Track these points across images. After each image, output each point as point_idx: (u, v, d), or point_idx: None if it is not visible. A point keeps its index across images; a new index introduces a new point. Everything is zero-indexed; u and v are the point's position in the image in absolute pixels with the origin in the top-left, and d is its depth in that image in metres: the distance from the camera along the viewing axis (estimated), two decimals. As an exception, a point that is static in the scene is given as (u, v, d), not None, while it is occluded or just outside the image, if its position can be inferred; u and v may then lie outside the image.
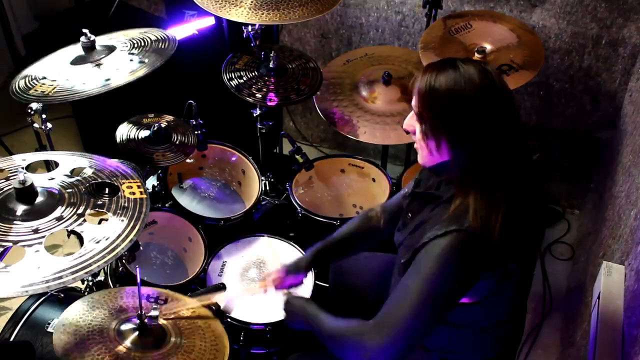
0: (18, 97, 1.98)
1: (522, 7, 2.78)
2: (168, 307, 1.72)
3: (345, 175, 2.69)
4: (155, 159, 2.24)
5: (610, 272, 1.93)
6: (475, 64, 1.45)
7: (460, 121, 1.43)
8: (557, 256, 3.04)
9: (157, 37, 2.20)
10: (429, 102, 1.46)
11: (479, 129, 1.43)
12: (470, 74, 1.42)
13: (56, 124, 2.13)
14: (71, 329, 1.55)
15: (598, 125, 2.96)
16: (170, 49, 2.14)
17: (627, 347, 1.69)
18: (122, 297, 1.71)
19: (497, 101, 1.43)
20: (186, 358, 1.56)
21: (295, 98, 2.42)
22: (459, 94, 1.42)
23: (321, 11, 2.28)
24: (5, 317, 2.20)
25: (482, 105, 1.42)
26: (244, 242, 2.33)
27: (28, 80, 2.03)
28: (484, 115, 1.42)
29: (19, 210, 1.48)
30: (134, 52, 2.10)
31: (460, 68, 1.43)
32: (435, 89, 1.44)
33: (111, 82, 1.96)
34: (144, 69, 2.03)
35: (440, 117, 1.45)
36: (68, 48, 2.18)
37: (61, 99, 1.94)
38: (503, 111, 1.44)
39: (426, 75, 1.46)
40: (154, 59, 2.07)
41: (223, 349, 1.64)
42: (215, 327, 1.71)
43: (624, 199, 2.24)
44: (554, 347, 2.67)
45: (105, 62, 2.07)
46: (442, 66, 1.46)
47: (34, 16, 3.73)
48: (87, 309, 1.63)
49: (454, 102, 1.42)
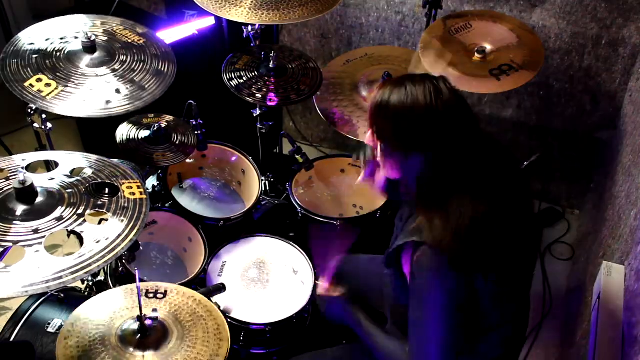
0: (6, 80, 1.86)
1: (522, 7, 2.78)
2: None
3: (345, 175, 2.69)
4: (155, 159, 2.24)
5: (610, 272, 1.92)
6: (429, 84, 1.47)
7: (411, 137, 1.47)
8: (557, 256, 3.05)
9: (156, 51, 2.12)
10: (378, 117, 1.52)
11: (430, 145, 1.46)
12: (424, 94, 1.45)
13: (56, 124, 2.14)
14: (73, 342, 1.57)
15: (598, 125, 2.96)
16: (170, 74, 2.08)
17: (627, 347, 1.69)
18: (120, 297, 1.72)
19: (449, 121, 1.46)
20: (190, 353, 1.58)
21: (295, 98, 2.42)
22: (408, 112, 1.45)
23: (321, 11, 2.28)
24: (5, 317, 2.20)
25: (433, 123, 1.45)
26: (244, 242, 2.33)
27: (21, 65, 1.92)
28: (434, 133, 1.46)
29: (19, 210, 1.48)
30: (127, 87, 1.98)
31: (415, 86, 1.46)
32: (385, 105, 1.48)
33: (111, 107, 1.91)
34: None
35: (390, 133, 1.50)
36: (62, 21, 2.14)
37: (58, 110, 1.86)
38: (454, 129, 1.46)
39: (379, 92, 1.51)
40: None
41: (226, 337, 1.66)
42: (216, 315, 1.72)
43: (624, 199, 2.24)
44: (554, 347, 2.67)
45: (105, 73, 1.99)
46: (397, 83, 1.50)
47: (33, 16, 3.73)
48: (85, 319, 1.64)
49: (397, 119, 1.47)
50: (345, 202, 2.69)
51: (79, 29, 2.09)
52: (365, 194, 2.65)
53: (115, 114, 1.90)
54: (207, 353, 1.59)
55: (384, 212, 2.41)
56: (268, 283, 2.21)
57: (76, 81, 1.93)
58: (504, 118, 3.08)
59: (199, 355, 1.58)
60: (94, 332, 1.59)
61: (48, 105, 1.85)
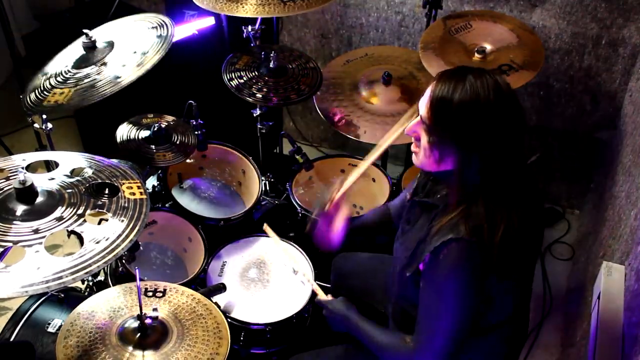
0: (33, 111, 1.99)
1: (522, 7, 2.78)
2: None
3: (345, 175, 2.68)
4: (155, 159, 2.24)
5: (610, 272, 1.92)
6: (489, 78, 1.43)
7: (472, 136, 1.42)
8: (557, 256, 3.04)
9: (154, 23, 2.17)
10: (441, 114, 1.44)
11: (489, 144, 1.43)
12: (485, 89, 1.40)
13: (56, 124, 2.13)
14: (73, 341, 1.57)
15: (598, 125, 2.96)
16: (169, 35, 2.09)
17: (627, 347, 1.69)
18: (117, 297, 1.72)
19: (508, 117, 1.43)
20: (190, 352, 1.58)
21: (295, 98, 2.41)
22: (473, 109, 1.41)
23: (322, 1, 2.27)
24: (5, 317, 2.20)
25: (495, 120, 1.42)
26: (244, 242, 2.33)
27: (38, 93, 2.02)
28: (495, 131, 1.42)
29: (19, 210, 1.48)
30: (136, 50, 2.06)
31: (476, 81, 1.41)
32: (449, 101, 1.42)
33: (122, 79, 1.93)
34: (152, 60, 1.98)
35: (451, 130, 1.44)
36: (66, 50, 2.17)
37: (76, 105, 1.94)
38: (513, 126, 1.45)
39: (439, 86, 1.44)
40: (156, 48, 2.03)
41: (226, 335, 1.66)
42: (215, 313, 1.72)
43: (624, 199, 2.24)
44: (554, 347, 2.67)
45: (109, 60, 2.04)
46: (457, 77, 1.43)
47: (34, 16, 3.73)
48: (84, 319, 1.64)
49: (467, 117, 1.41)
50: (345, 202, 2.68)
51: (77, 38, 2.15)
52: (365, 194, 2.65)
53: (129, 83, 1.94)
54: (207, 352, 1.59)
55: (384, 212, 2.41)
56: (268, 283, 2.21)
57: (84, 78, 1.98)
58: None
59: (198, 354, 1.58)
60: (94, 331, 1.59)
61: (68, 106, 1.92)
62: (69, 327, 1.60)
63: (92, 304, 1.69)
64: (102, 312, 1.66)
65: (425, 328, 1.54)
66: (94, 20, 2.26)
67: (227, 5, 2.25)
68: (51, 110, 1.95)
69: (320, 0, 2.26)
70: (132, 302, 1.70)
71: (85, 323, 1.62)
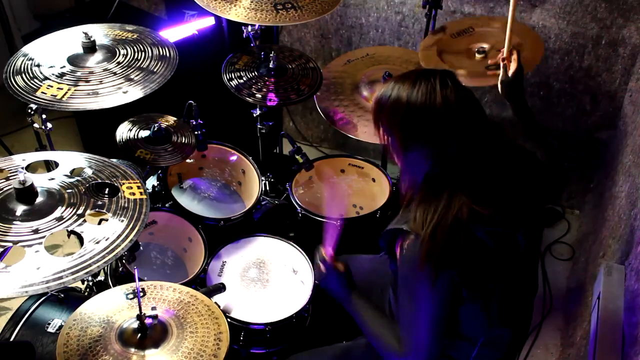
0: (19, 97, 1.89)
1: (522, 7, 2.78)
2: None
3: (345, 175, 2.69)
4: (155, 159, 2.24)
5: (610, 272, 1.92)
6: (429, 80, 1.47)
7: (404, 134, 1.50)
8: (557, 256, 3.05)
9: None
10: (377, 112, 1.55)
11: (419, 143, 1.49)
12: (416, 90, 1.47)
13: (56, 124, 2.14)
14: (73, 341, 1.57)
15: (598, 125, 2.96)
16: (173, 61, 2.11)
17: (627, 347, 1.69)
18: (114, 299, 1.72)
19: (437, 119, 1.46)
20: (196, 338, 1.59)
21: (295, 98, 2.42)
22: (401, 107, 1.48)
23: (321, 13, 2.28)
24: (5, 317, 2.20)
25: (421, 121, 1.47)
26: (244, 242, 2.33)
27: (27, 79, 1.94)
28: (422, 132, 1.48)
29: (19, 210, 1.48)
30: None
31: (410, 83, 1.48)
32: (381, 100, 1.53)
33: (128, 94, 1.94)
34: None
35: (387, 127, 1.54)
36: (56, 38, 2.14)
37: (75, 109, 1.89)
38: (453, 124, 1.47)
39: (382, 87, 1.55)
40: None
41: (219, 313, 1.67)
42: (200, 297, 1.73)
43: (624, 199, 2.24)
44: (554, 347, 2.67)
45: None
46: (398, 80, 1.52)
47: (34, 16, 3.73)
48: (83, 323, 1.63)
49: (396, 115, 1.50)
50: (345, 202, 2.68)
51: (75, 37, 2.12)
52: (365, 194, 2.65)
53: (135, 99, 1.95)
54: (210, 335, 1.60)
55: (384, 212, 2.41)
56: (268, 283, 2.21)
57: (85, 79, 1.96)
58: (504, 118, 3.07)
59: (204, 338, 1.59)
60: (94, 331, 1.59)
61: (66, 105, 1.88)
62: (69, 327, 1.60)
63: (93, 304, 1.69)
64: (102, 313, 1.66)
65: (403, 323, 1.57)
66: (94, 20, 2.25)
67: (220, 5, 2.25)
68: (47, 106, 1.89)
69: (313, 13, 2.26)
70: (131, 303, 1.69)
71: (85, 324, 1.61)
